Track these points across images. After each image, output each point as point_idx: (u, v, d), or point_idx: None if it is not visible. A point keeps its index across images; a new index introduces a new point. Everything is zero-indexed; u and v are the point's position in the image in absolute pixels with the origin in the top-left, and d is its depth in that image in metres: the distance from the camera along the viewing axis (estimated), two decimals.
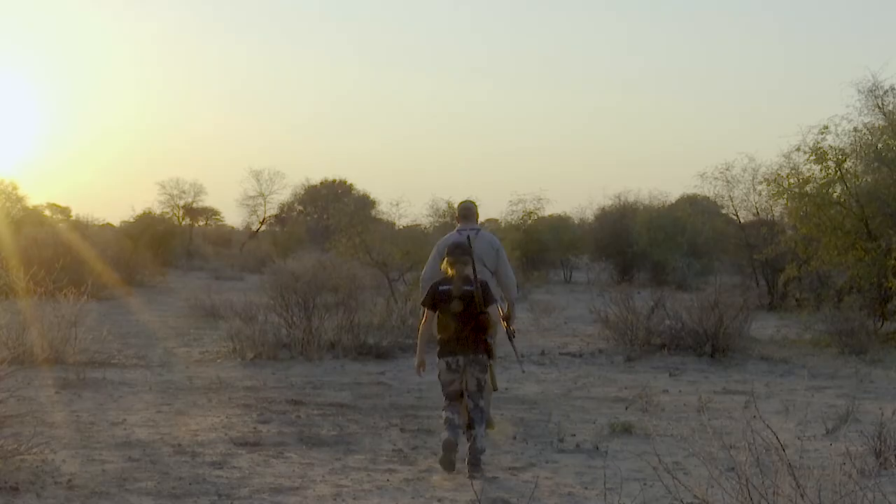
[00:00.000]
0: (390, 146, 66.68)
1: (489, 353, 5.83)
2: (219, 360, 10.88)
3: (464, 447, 5.84)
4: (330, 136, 68.35)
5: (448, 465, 5.72)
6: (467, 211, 7.03)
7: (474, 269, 5.87)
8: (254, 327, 11.10)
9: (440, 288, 5.89)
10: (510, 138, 67.34)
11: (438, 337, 5.86)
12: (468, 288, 5.81)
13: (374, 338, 11.32)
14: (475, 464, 5.71)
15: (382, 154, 65.42)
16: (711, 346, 11.29)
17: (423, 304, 6.00)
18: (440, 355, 5.85)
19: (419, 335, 6.14)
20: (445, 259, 5.99)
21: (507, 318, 6.66)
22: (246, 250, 38.02)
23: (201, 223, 48.58)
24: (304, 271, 11.83)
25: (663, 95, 68.06)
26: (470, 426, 5.74)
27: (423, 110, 69.75)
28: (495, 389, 6.13)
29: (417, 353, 6.13)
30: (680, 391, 9.17)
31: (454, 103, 69.13)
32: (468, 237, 6.37)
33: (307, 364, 10.53)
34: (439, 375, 5.91)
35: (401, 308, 12.23)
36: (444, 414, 5.80)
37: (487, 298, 5.84)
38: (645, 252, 26.13)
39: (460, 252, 5.90)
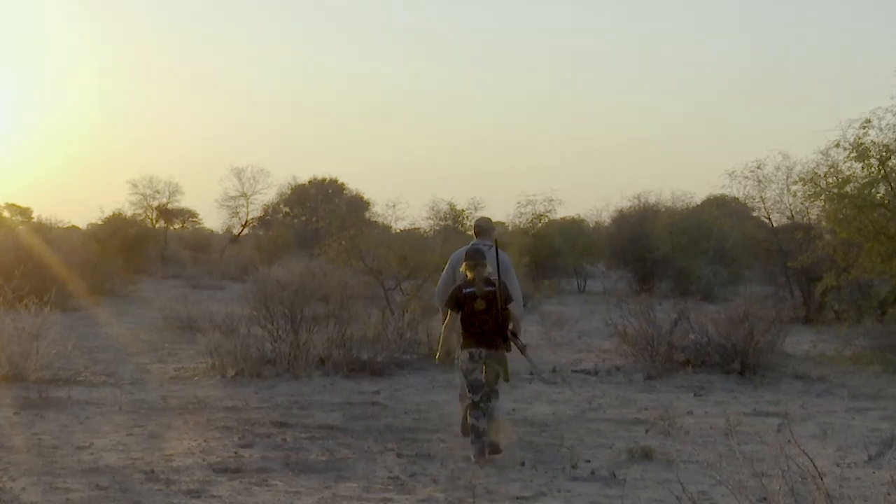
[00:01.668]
0: (386, 142, 66.91)
1: (507, 347, 7.06)
2: (196, 378, 10.89)
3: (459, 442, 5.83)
4: (319, 130, 68.59)
5: (481, 455, 6.85)
6: (481, 228, 8.06)
7: (499, 270, 7.13)
8: (235, 341, 11.16)
9: (464, 290, 7.08)
10: (518, 133, 67.55)
11: (462, 332, 7.05)
12: (489, 288, 7.05)
13: (367, 353, 11.35)
14: (494, 447, 6.94)
15: (377, 150, 65.67)
16: (741, 362, 11.32)
17: (447, 306, 7.17)
18: (463, 347, 7.06)
19: (443, 329, 7.26)
20: (464, 264, 7.21)
21: (515, 335, 7.26)
22: (226, 256, 38.09)
23: (177, 226, 48.63)
24: (290, 279, 11.84)
25: (687, 86, 68.30)
26: (486, 398, 6.98)
27: (422, 102, 70.00)
28: (507, 380, 7.16)
29: (441, 343, 7.28)
30: (706, 413, 9.18)
31: (456, 95, 69.40)
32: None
33: (294, 382, 10.57)
34: (461, 366, 7.11)
35: (397, 320, 12.25)
36: (470, 420, 6.98)
37: (507, 296, 7.09)
38: (667, 259, 26.23)
39: (479, 257, 7.15)
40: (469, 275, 7.13)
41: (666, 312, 12.40)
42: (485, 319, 7.00)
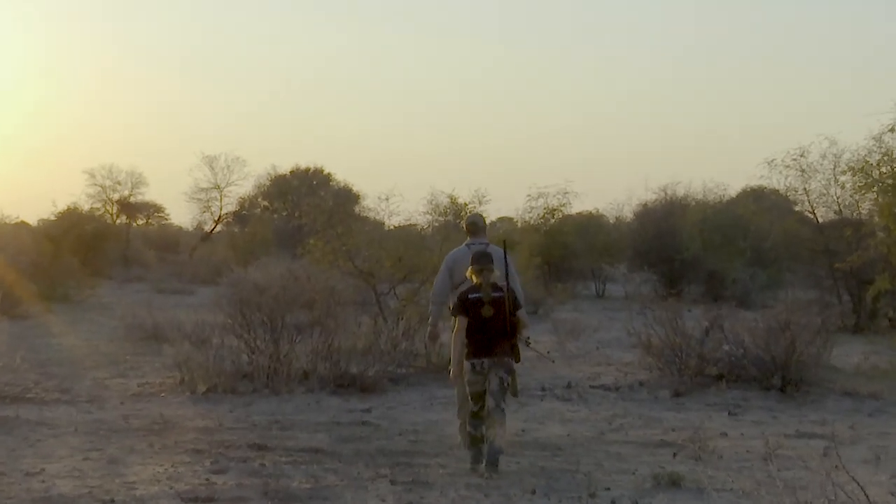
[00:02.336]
0: (378, 127, 66.93)
1: (516, 356, 7.44)
2: (163, 395, 10.87)
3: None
4: (302, 113, 68.61)
5: (477, 462, 7.33)
6: (475, 226, 8.44)
7: (507, 275, 7.50)
8: (207, 353, 11.12)
9: (470, 296, 7.46)
10: (528, 117, 67.54)
11: (468, 340, 7.43)
12: (498, 294, 7.42)
13: (357, 366, 11.34)
14: (494, 464, 7.28)
15: (369, 136, 65.66)
16: (781, 377, 11.33)
17: (454, 313, 7.59)
18: (467, 357, 7.44)
19: (453, 344, 7.65)
20: (470, 268, 7.56)
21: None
22: (197, 256, 38.14)
23: (141, 222, 48.73)
24: (270, 283, 11.68)
25: (720, 63, 68.22)
26: (489, 426, 7.33)
27: (418, 82, 69.97)
28: (515, 395, 7.54)
29: (453, 362, 7.67)
30: (742, 434, 9.18)
31: (457, 74, 69.37)
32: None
33: (274, 399, 10.57)
34: (464, 376, 7.50)
35: (391, 329, 12.26)
36: (468, 428, 7.44)
37: (517, 303, 7.49)
38: (697, 260, 26.27)
39: (486, 260, 7.49)
40: (476, 279, 7.46)
41: (696, 320, 12.39)
42: (492, 327, 7.35)
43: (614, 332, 17.17)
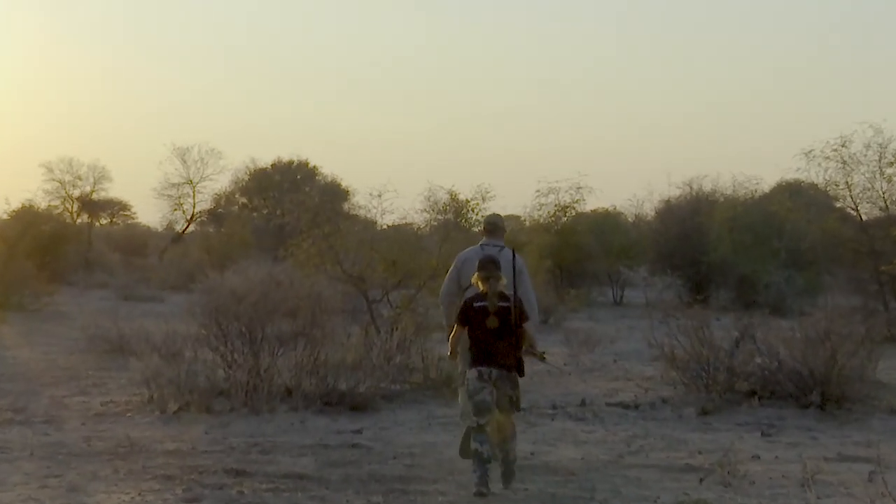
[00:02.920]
0: (370, 116, 66.85)
1: (520, 370, 7.68)
2: (129, 414, 10.83)
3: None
4: (286, 100, 68.52)
5: (483, 485, 7.41)
6: (494, 226, 8.93)
7: (514, 281, 7.82)
8: (178, 367, 11.05)
9: (475, 304, 7.68)
10: (536, 103, 67.40)
11: (470, 349, 7.72)
12: (504, 304, 7.62)
13: (347, 382, 11.30)
14: (509, 476, 7.66)
15: (359, 126, 65.55)
16: (821, 393, 11.27)
17: (455, 321, 7.82)
18: (471, 365, 7.69)
19: (450, 338, 7.99)
20: (476, 274, 7.77)
21: (531, 346, 7.94)
22: (167, 259, 38.17)
23: (104, 221, 48.76)
24: (249, 289, 11.63)
25: (751, 46, 68.10)
26: (503, 441, 7.62)
27: (416, 67, 69.89)
28: (518, 409, 7.81)
29: (450, 344, 7.99)
30: (776, 457, 9.16)
31: (457, 57, 69.24)
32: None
33: (253, 419, 10.54)
34: (467, 385, 7.73)
35: (384, 341, 12.15)
36: (473, 444, 7.55)
37: (524, 313, 7.69)
38: (726, 262, 26.35)
39: (493, 267, 7.70)
40: (481, 287, 7.68)
41: (725, 330, 12.33)
42: (497, 339, 7.59)
43: (634, 343, 17.18)
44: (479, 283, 7.68)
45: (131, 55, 69.74)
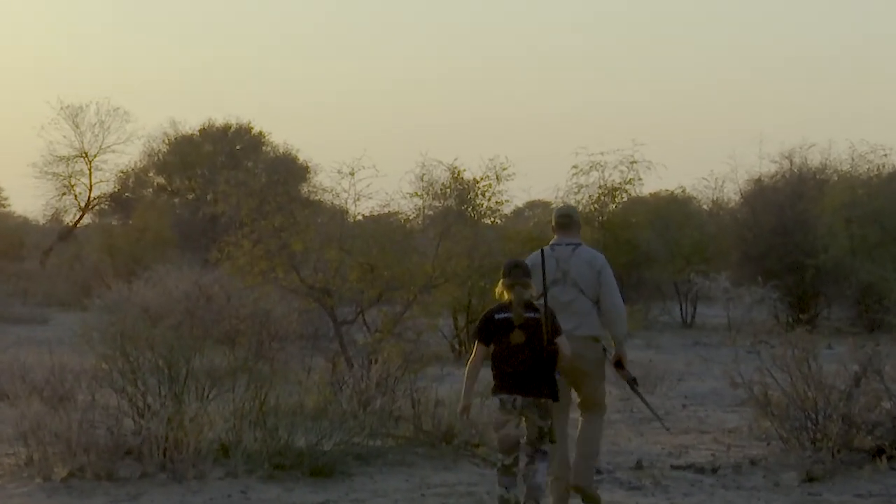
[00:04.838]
0: (339, 59, 60.80)
1: (554, 394, 7.57)
2: (0, 482, 9.76)
3: None
4: (218, 38, 62.10)
5: None
6: (568, 219, 8.55)
7: (545, 294, 7.64)
8: (69, 417, 10.03)
9: (496, 316, 7.56)
10: (571, 43, 61.16)
11: (493, 372, 7.60)
12: (532, 315, 7.50)
13: (306, 437, 10.22)
14: (534, 501, 7.60)
15: (323, 75, 59.54)
16: None
17: (478, 338, 7.74)
18: (494, 392, 7.62)
19: (467, 372, 7.81)
20: (501, 282, 7.66)
21: (621, 361, 8.28)
22: (53, 264, 35.54)
23: None
24: (168, 306, 10.95)
25: None
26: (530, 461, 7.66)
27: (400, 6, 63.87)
28: (553, 441, 7.69)
29: (464, 392, 7.81)
30: None
31: None
32: (552, 256, 8.16)
33: (175, 488, 9.53)
34: (491, 416, 8.03)
35: (359, 378, 11.36)
36: (498, 490, 7.59)
37: (556, 327, 7.54)
38: (842, 266, 24.00)
39: (521, 273, 7.62)
40: (506, 296, 7.61)
41: (840, 362, 10.88)
42: (523, 357, 7.52)
43: (711, 381, 15.93)
44: (504, 292, 7.64)
45: None
